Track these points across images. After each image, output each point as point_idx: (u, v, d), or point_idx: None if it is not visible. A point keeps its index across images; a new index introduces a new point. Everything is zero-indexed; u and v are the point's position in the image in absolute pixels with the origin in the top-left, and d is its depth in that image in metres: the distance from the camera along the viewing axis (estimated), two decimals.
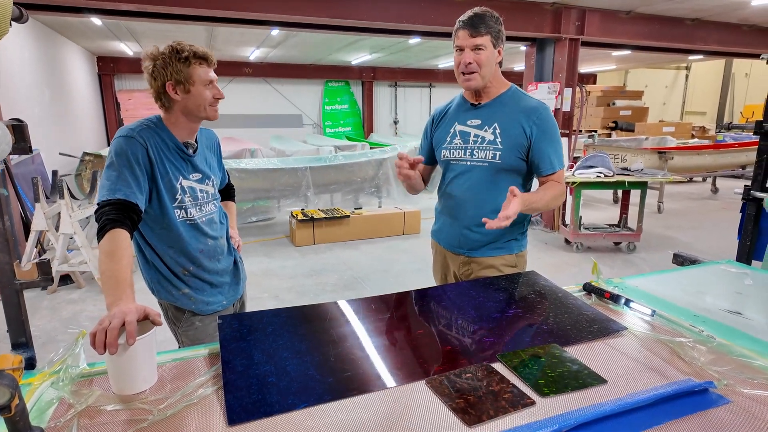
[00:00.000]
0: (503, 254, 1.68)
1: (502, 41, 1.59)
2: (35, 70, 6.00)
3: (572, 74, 5.69)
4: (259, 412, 0.87)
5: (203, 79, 1.37)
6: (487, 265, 1.68)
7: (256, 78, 11.68)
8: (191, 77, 1.35)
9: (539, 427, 0.82)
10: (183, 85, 1.36)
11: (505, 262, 1.68)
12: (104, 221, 1.17)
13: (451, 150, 1.71)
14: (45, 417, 0.88)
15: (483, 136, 1.64)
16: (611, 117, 12.63)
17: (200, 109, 1.40)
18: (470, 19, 1.54)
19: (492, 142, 1.62)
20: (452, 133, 1.71)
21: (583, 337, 1.16)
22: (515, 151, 1.60)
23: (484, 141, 1.63)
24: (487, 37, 1.54)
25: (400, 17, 4.79)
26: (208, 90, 1.39)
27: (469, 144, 1.66)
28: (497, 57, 1.60)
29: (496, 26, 1.55)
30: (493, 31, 1.54)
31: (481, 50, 1.54)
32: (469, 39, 1.54)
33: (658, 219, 6.66)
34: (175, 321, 1.52)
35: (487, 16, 1.54)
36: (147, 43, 8.61)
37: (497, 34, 1.56)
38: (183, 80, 1.35)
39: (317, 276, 4.34)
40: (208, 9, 4.39)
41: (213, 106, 1.42)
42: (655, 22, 5.97)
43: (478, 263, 1.70)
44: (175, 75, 1.34)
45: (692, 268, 1.82)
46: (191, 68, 1.35)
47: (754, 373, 1.01)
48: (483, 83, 1.60)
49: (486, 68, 1.57)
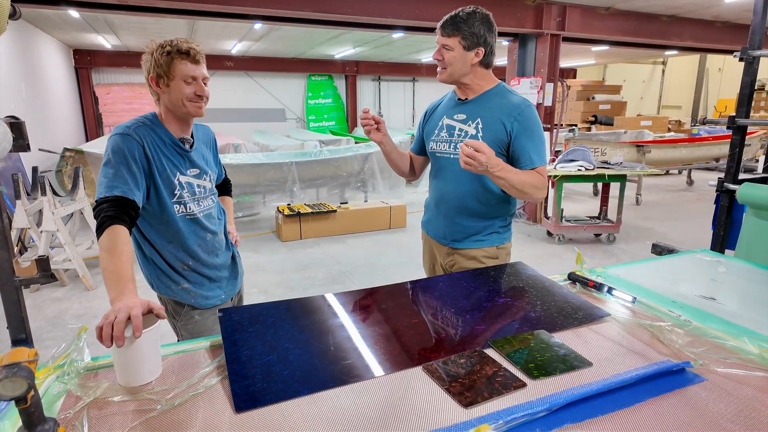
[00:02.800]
0: (484, 246, 1.74)
1: (480, 43, 1.60)
2: (10, 63, 5.84)
3: (554, 69, 5.80)
4: (265, 400, 0.91)
5: (183, 74, 1.37)
6: (470, 257, 1.73)
7: (238, 71, 11.54)
8: (171, 72, 1.36)
9: (531, 407, 0.87)
10: (163, 79, 1.37)
11: (486, 254, 1.73)
12: (102, 218, 1.18)
13: (438, 142, 1.77)
14: (54, 409, 0.90)
15: (466, 130, 1.69)
16: (591, 111, 12.88)
17: (179, 105, 1.40)
18: (445, 19, 1.60)
19: (474, 136, 1.67)
20: (440, 126, 1.77)
21: (569, 324, 1.23)
22: (495, 146, 1.64)
23: (467, 135, 1.69)
24: (455, 38, 1.58)
25: (383, 12, 4.81)
26: (188, 86, 1.39)
27: (453, 138, 1.72)
28: (472, 58, 1.61)
29: (469, 30, 1.57)
30: (464, 33, 1.57)
31: (448, 50, 1.60)
32: (439, 38, 1.62)
33: (637, 211, 6.84)
34: (175, 315, 1.54)
35: (460, 20, 1.57)
36: (125, 36, 8.43)
37: (471, 37, 1.58)
38: (163, 74, 1.37)
39: (305, 270, 4.36)
40: (190, 2, 4.34)
41: (194, 102, 1.41)
42: (633, 18, 6.11)
43: (461, 254, 1.75)
44: (156, 68, 1.36)
45: (670, 258, 1.90)
46: (172, 63, 1.36)
47: (727, 353, 1.08)
48: (450, 80, 1.67)
49: (452, 67, 1.63)
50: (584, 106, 12.75)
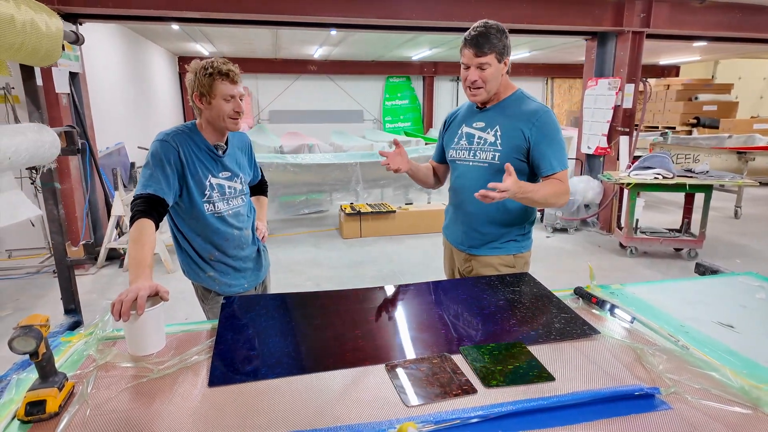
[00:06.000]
0: (501, 254, 1.73)
1: (507, 53, 1.64)
2: (122, 71, 6.71)
3: (635, 69, 5.39)
4: (234, 379, 1.04)
5: (224, 93, 1.54)
6: (486, 264, 1.74)
7: (321, 75, 12.10)
8: (212, 91, 1.53)
9: (465, 412, 0.90)
10: (206, 97, 1.55)
11: (503, 262, 1.73)
12: (135, 212, 1.39)
13: (457, 150, 1.80)
14: (75, 366, 1.10)
15: (485, 138, 1.71)
16: (692, 112, 11.66)
17: (219, 120, 1.58)
18: (474, 39, 1.59)
19: (492, 143, 1.69)
20: (459, 134, 1.80)
21: (551, 338, 1.21)
22: (514, 153, 1.66)
23: (486, 142, 1.71)
24: (491, 55, 1.59)
25: (447, 15, 4.81)
26: (227, 104, 1.56)
27: (473, 145, 1.74)
28: (503, 69, 1.65)
29: (500, 43, 1.60)
30: (497, 49, 1.59)
31: (484, 69, 1.61)
32: (474, 59, 1.60)
33: (734, 225, 6.14)
34: (203, 299, 1.75)
35: (491, 34, 1.58)
36: (220, 44, 9.26)
37: (502, 50, 1.61)
38: (206, 93, 1.54)
39: (359, 267, 4.53)
40: (268, 14, 4.70)
41: (232, 119, 1.58)
42: (735, 10, 5.47)
43: (478, 261, 1.77)
44: (200, 87, 1.53)
45: (709, 278, 1.75)
46: (214, 83, 1.52)
47: (711, 384, 1.02)
48: (488, 96, 1.68)
49: (491, 83, 1.64)
50: (684, 107, 11.59)
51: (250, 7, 4.60)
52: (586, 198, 5.77)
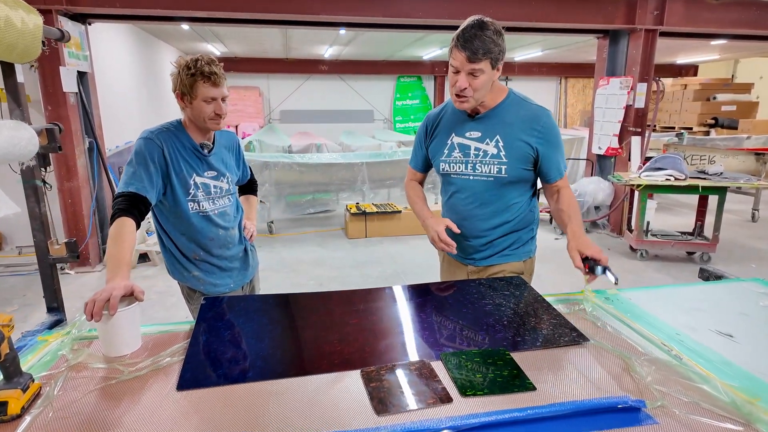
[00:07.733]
0: (512, 261, 1.68)
1: (502, 57, 1.48)
2: (133, 71, 6.79)
3: (647, 68, 5.26)
4: (204, 382, 1.01)
5: (205, 95, 1.51)
6: (497, 273, 1.68)
7: (331, 75, 12.10)
8: (194, 92, 1.51)
9: (436, 424, 0.86)
10: (187, 97, 1.53)
11: (512, 269, 1.67)
12: (115, 210, 1.38)
13: (451, 164, 1.64)
14: (47, 367, 1.09)
15: (485, 149, 1.58)
16: (710, 113, 11.36)
17: (200, 120, 1.56)
18: (468, 41, 1.41)
19: (495, 156, 1.57)
20: (450, 145, 1.64)
21: (537, 345, 1.16)
22: (521, 163, 1.57)
23: (487, 155, 1.58)
24: (486, 61, 1.42)
25: (456, 14, 4.75)
26: (208, 106, 1.53)
27: (470, 158, 1.60)
28: (495, 75, 1.49)
29: (497, 47, 1.43)
30: (492, 54, 1.43)
31: (477, 75, 1.45)
32: (466, 64, 1.43)
33: (751, 228, 5.96)
34: (189, 299, 1.73)
35: (487, 37, 1.40)
36: (231, 44, 9.31)
37: (498, 55, 1.45)
38: (187, 92, 1.52)
39: (362, 267, 4.50)
40: (276, 13, 4.70)
41: (213, 120, 1.56)
42: (753, 7, 5.31)
43: (486, 271, 1.70)
44: (181, 87, 1.52)
45: (712, 284, 1.68)
46: (195, 84, 1.50)
47: (701, 397, 0.96)
48: (475, 105, 1.53)
49: (480, 92, 1.49)
50: (702, 107, 11.31)
51: (259, 6, 4.60)
52: (597, 199, 5.66)
